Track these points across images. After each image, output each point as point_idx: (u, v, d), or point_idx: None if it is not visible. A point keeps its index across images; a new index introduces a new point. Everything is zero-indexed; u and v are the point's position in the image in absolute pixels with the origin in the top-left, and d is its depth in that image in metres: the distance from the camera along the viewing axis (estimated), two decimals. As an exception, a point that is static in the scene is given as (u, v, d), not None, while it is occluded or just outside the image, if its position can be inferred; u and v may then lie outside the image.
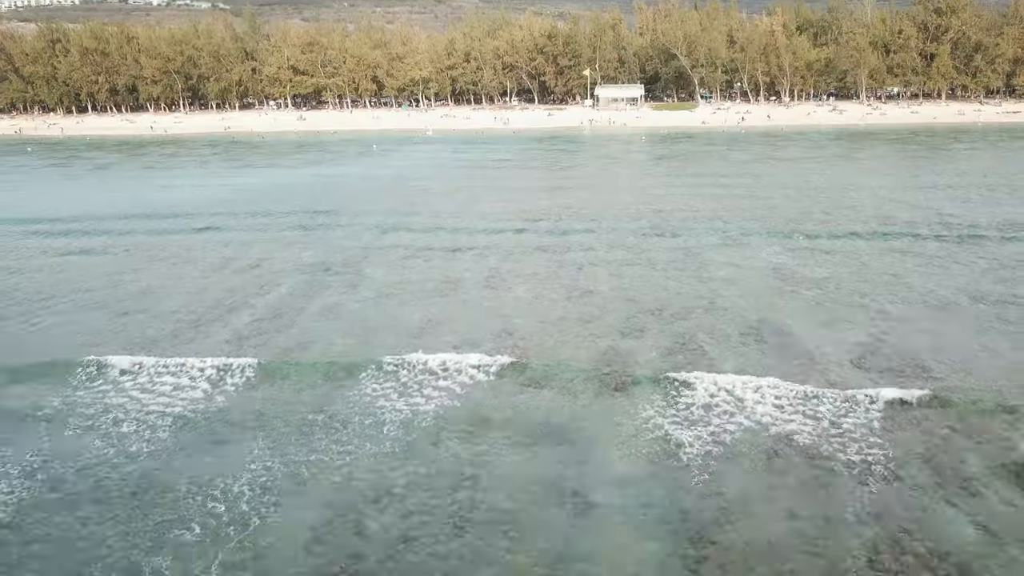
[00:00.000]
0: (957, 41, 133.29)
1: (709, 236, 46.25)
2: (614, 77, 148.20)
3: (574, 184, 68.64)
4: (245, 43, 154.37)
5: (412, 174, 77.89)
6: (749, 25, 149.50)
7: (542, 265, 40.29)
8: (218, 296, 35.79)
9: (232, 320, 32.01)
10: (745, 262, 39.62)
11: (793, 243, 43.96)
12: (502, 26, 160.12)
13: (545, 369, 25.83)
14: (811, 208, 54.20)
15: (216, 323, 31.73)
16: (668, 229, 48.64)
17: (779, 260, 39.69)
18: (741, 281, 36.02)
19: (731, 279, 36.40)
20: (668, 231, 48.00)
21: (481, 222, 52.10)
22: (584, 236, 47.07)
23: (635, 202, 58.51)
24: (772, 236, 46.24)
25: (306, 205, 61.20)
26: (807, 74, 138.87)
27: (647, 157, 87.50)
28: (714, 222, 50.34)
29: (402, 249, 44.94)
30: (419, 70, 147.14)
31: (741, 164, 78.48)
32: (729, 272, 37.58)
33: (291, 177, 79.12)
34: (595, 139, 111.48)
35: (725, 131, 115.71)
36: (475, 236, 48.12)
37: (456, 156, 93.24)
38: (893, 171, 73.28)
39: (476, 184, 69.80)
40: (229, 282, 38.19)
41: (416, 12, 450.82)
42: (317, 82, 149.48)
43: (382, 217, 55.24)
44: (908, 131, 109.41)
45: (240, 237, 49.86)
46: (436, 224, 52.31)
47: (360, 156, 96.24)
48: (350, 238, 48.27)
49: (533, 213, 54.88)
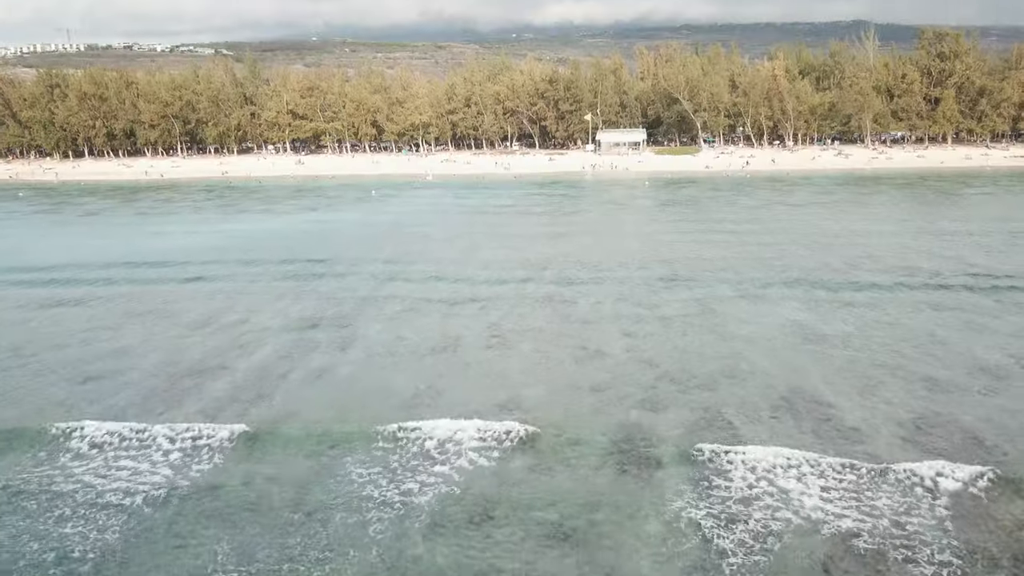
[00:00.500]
0: (961, 85, 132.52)
1: (723, 287, 43.60)
2: (616, 122, 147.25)
3: (578, 230, 66.24)
4: (245, 88, 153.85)
5: (411, 220, 75.60)
6: (751, 70, 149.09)
7: (547, 320, 37.54)
8: (197, 357, 32.95)
9: (209, 386, 29.15)
10: (766, 318, 36.88)
11: (813, 295, 41.26)
12: (503, 71, 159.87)
13: (555, 448, 22.92)
14: (827, 257, 51.63)
15: (191, 390, 28.87)
16: (679, 279, 46.01)
17: (802, 316, 36.93)
18: (764, 341, 33.22)
19: (753, 338, 33.59)
20: (679, 282, 45.36)
21: (482, 272, 49.51)
22: (590, 287, 44.43)
23: (642, 250, 56.00)
24: (790, 287, 43.61)
25: (300, 253, 58.67)
26: (811, 118, 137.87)
27: (652, 203, 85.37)
28: (726, 272, 47.73)
29: (399, 301, 42.24)
30: (419, 115, 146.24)
31: (749, 210, 76.24)
32: (750, 330, 34.79)
33: (287, 224, 76.81)
34: (597, 184, 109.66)
35: (729, 176, 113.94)
36: (476, 287, 45.47)
37: (457, 201, 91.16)
38: (907, 217, 70.95)
39: (477, 231, 67.43)
40: (211, 341, 35.38)
41: (417, 58, 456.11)
42: (316, 126, 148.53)
43: (379, 266, 52.70)
44: (916, 176, 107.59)
45: (228, 288, 47.20)
46: (435, 273, 49.73)
47: (359, 202, 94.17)
48: (344, 290, 45.60)
49: (536, 261, 52.35)
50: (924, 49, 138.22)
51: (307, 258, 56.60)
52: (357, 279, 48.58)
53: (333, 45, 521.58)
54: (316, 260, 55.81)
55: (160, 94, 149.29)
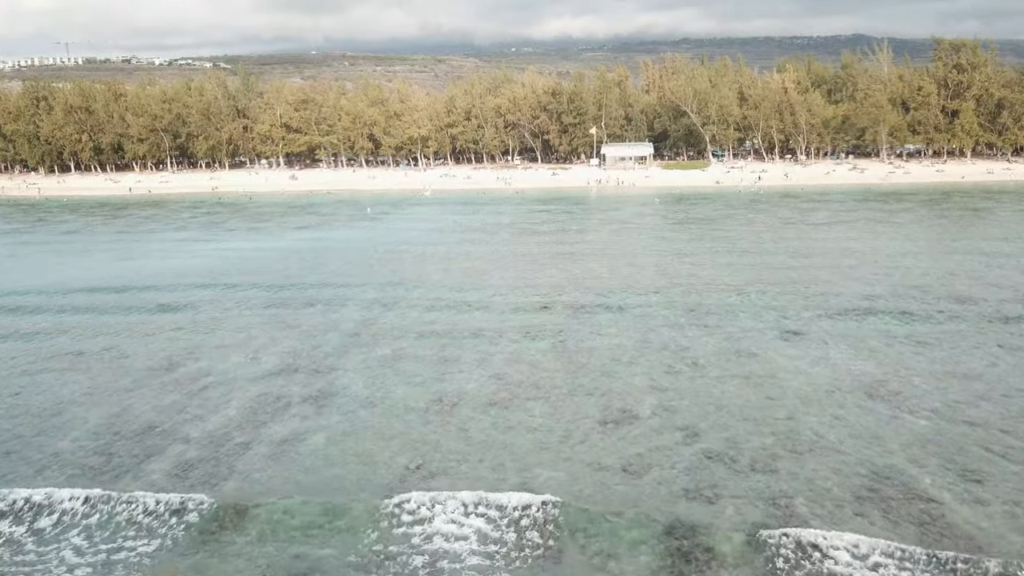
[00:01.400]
0: (979, 98, 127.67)
1: (757, 323, 38.30)
2: (620, 135, 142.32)
3: (588, 253, 60.95)
4: (237, 100, 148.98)
5: (408, 241, 70.32)
6: (760, 82, 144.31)
7: (561, 369, 32.15)
8: (145, 418, 27.61)
9: (153, 461, 23.86)
10: (817, 366, 31.51)
11: (863, 332, 35.95)
12: (503, 83, 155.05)
13: (581, 557, 17.52)
14: (866, 285, 46.43)
15: (128, 464, 23.58)
16: (706, 312, 40.72)
17: (860, 364, 31.53)
18: (822, 398, 27.85)
19: (808, 394, 28.23)
20: (707, 315, 40.07)
21: (484, 303, 44.29)
22: (606, 322, 39.14)
23: (660, 276, 50.72)
24: (834, 321, 38.35)
25: (284, 279, 53.42)
26: (823, 131, 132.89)
27: (664, 221, 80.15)
28: (758, 303, 42.46)
29: (389, 341, 36.92)
30: (417, 128, 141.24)
31: (770, 230, 70.99)
32: (802, 383, 29.42)
33: (274, 244, 71.51)
34: (604, 201, 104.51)
35: (742, 192, 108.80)
36: (477, 322, 40.20)
37: (456, 220, 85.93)
38: (940, 237, 65.71)
39: (478, 253, 62.15)
40: (165, 395, 30.02)
41: (416, 71, 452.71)
42: (311, 140, 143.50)
43: (369, 294, 47.43)
44: (939, 191, 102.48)
45: (198, 321, 41.91)
46: (431, 304, 44.47)
47: (352, 220, 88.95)
48: (328, 325, 40.29)
49: (544, 290, 47.08)
50: (940, 60, 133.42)
51: (291, 284, 51.34)
52: (344, 311, 43.31)
53: (332, 59, 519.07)
54: (301, 287, 50.57)
55: (149, 107, 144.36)
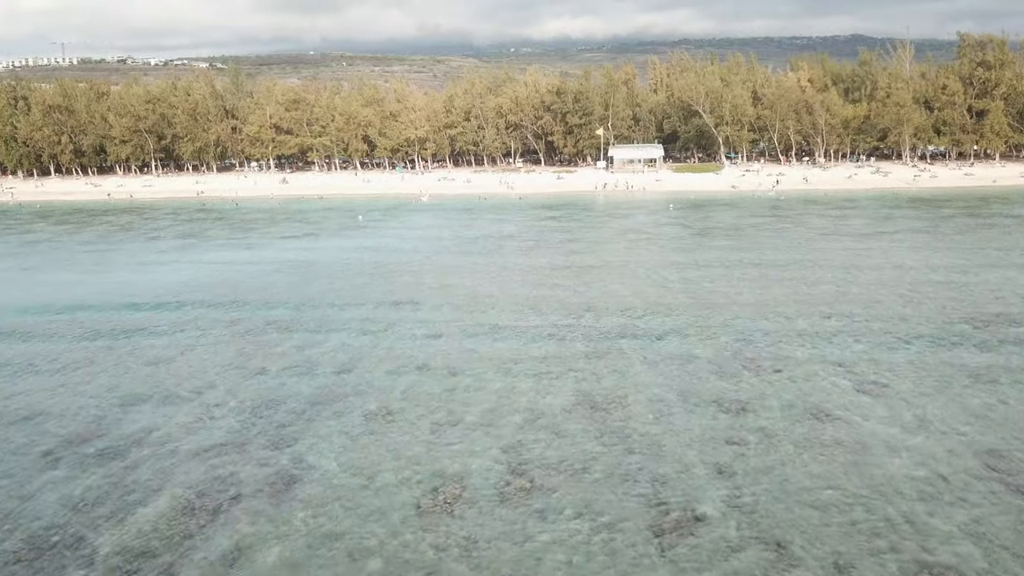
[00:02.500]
0: (1006, 96, 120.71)
1: (821, 364, 31.43)
2: (628, 136, 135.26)
3: (604, 269, 53.94)
4: (225, 100, 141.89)
5: (401, 254, 63.33)
6: (774, 80, 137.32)
7: (589, 435, 25.24)
8: (48, 518, 20.54)
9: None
10: (915, 432, 24.60)
11: (955, 376, 28.98)
12: (505, 82, 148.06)
13: None
14: (937, 310, 39.60)
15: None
16: (754, 348, 33.94)
17: (969, 430, 24.50)
18: (940, 487, 20.84)
19: (920, 482, 21.26)
20: (756, 353, 33.31)
21: (488, 333, 37.34)
22: (638, 362, 32.41)
23: (690, 299, 43.85)
24: (914, 361, 31.47)
25: (257, 302, 46.46)
26: (843, 132, 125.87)
27: (684, 231, 73.04)
28: (814, 335, 35.70)
29: (374, 394, 29.91)
30: (415, 129, 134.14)
31: (805, 241, 63.97)
32: (906, 462, 22.43)
33: (253, 258, 64.54)
34: (614, 207, 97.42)
35: (761, 197, 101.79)
36: (480, 360, 33.40)
37: (455, 229, 78.87)
38: (999, 249, 58.69)
39: (480, 269, 55.10)
40: (82, 478, 22.99)
41: (415, 71, 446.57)
42: (302, 142, 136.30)
43: (354, 323, 40.54)
44: (974, 197, 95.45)
45: (144, 359, 34.91)
46: (426, 336, 37.64)
47: (342, 229, 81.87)
48: (302, 367, 33.34)
49: (559, 318, 40.24)
50: (965, 57, 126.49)
51: (265, 308, 44.37)
52: (323, 346, 36.36)
53: (330, 59, 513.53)
54: (276, 312, 43.59)
55: (132, 107, 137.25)
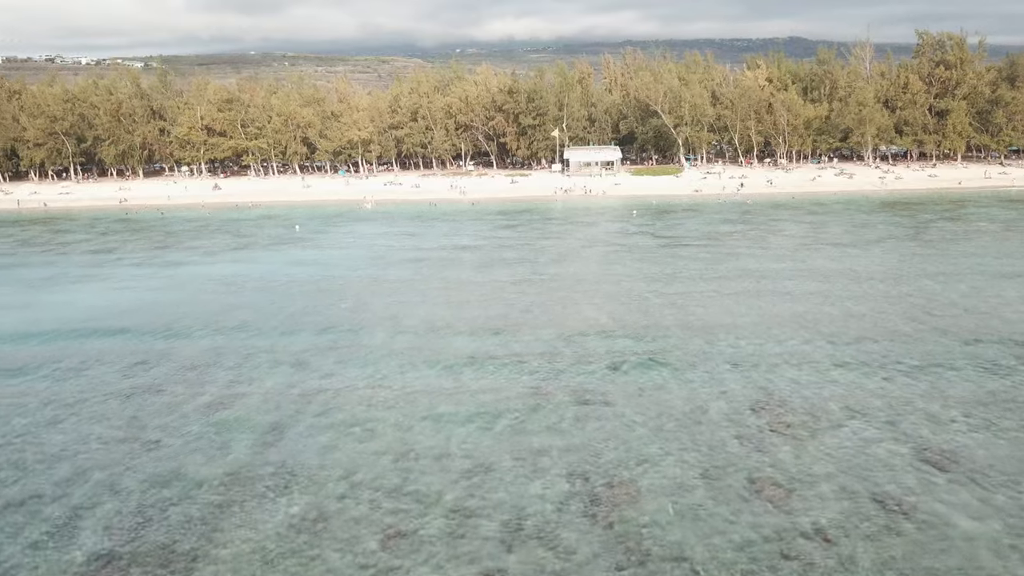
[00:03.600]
0: (968, 96, 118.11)
1: (863, 421, 25.37)
2: (584, 138, 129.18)
3: (573, 288, 47.28)
4: (152, 100, 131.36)
5: (343, 272, 55.74)
6: (732, 78, 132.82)
7: (584, 541, 18.18)
8: None
9: None
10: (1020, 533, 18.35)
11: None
12: (453, 81, 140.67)
13: None
14: (967, 339, 33.82)
15: None
16: (772, 393, 27.70)
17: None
18: None
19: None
20: (775, 398, 27.08)
21: (442, 391, 30.06)
22: (639, 423, 25.60)
23: (683, 329, 37.40)
24: (969, 413, 25.40)
25: (170, 332, 38.71)
26: (805, 133, 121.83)
27: (654, 241, 66.84)
28: (844, 375, 29.46)
29: (300, 485, 22.54)
30: (358, 130, 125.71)
31: (789, 253, 58.40)
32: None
33: (171, 277, 56.27)
34: (574, 213, 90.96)
35: (726, 201, 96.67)
36: (436, 430, 26.10)
37: (403, 241, 71.41)
38: (997, 256, 53.90)
39: (432, 291, 47.88)
40: None
41: (359, 71, 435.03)
42: (236, 144, 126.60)
43: (281, 366, 32.95)
44: (948, 200, 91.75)
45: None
46: (369, 385, 30.35)
47: (278, 241, 73.61)
48: (204, 443, 25.85)
49: (531, 358, 33.40)
50: (925, 56, 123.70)
51: (172, 348, 36.35)
52: (237, 405, 28.75)
53: (272, 59, 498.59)
54: (186, 351, 35.72)
55: (49, 107, 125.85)
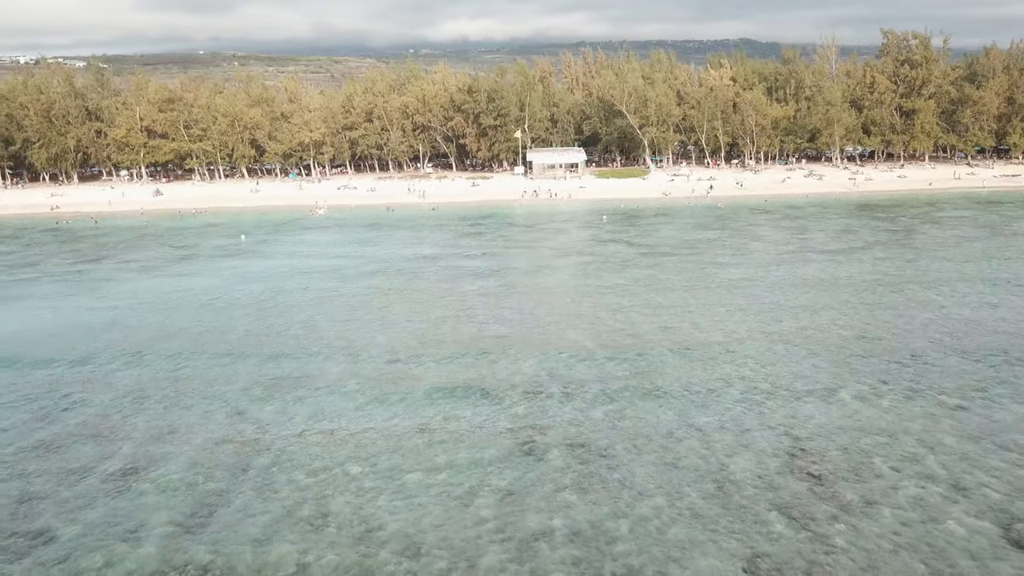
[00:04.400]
0: (933, 95, 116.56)
1: (930, 487, 20.81)
2: (546, 139, 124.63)
3: (550, 306, 42.44)
4: (88, 100, 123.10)
5: (291, 289, 50.10)
6: (697, 77, 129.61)
7: None
8: None
9: None
10: None
11: None
12: (410, 80, 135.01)
13: None
14: (1009, 354, 29.76)
15: None
16: (804, 440, 23.32)
17: None
18: None
19: None
20: (811, 452, 22.65)
21: (412, 435, 24.96)
22: (644, 483, 20.82)
23: (678, 354, 32.71)
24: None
25: (86, 366, 32.68)
26: (773, 134, 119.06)
27: (630, 250, 62.41)
28: (884, 418, 24.85)
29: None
30: (309, 131, 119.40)
31: (777, 264, 54.43)
32: None
33: (96, 296, 50.01)
34: (540, 218, 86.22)
35: (697, 204, 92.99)
36: (403, 506, 20.90)
37: (359, 250, 65.90)
38: (998, 259, 50.63)
39: (392, 310, 42.60)
40: None
41: (312, 71, 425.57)
42: (179, 147, 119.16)
43: (215, 414, 27.42)
44: (922, 201, 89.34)
45: None
46: (321, 442, 25.05)
47: (221, 254, 67.43)
48: (110, 526, 20.28)
49: (506, 391, 28.39)
50: (890, 56, 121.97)
51: (68, 397, 30.42)
52: (154, 476, 23.23)
53: (222, 59, 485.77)
54: (87, 396, 29.88)
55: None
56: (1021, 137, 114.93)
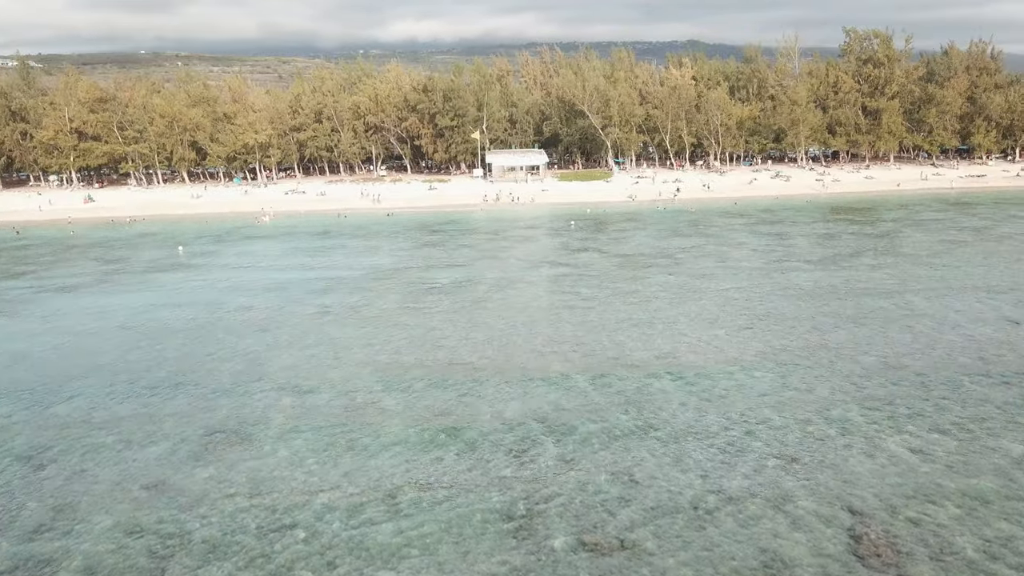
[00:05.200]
0: (896, 94, 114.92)
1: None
2: (505, 140, 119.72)
3: (527, 332, 37.54)
4: (11, 100, 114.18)
5: (231, 311, 44.34)
6: (659, 76, 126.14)
7: None
8: None
9: None
10: None
11: None
12: (361, 79, 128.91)
13: None
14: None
15: None
16: (846, 507, 19.18)
17: None
18: None
19: None
20: (854, 521, 18.68)
21: (364, 536, 19.70)
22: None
23: (682, 388, 28.03)
24: None
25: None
26: (738, 134, 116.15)
27: (606, 261, 57.86)
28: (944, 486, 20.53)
29: None
30: (255, 133, 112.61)
31: (762, 272, 50.42)
32: None
33: (3, 321, 43.48)
34: (504, 224, 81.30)
35: (666, 208, 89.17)
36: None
37: (308, 264, 60.18)
38: (998, 262, 47.37)
39: (345, 342, 37.20)
40: None
41: (258, 72, 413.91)
42: (112, 150, 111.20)
43: (117, 502, 21.66)
44: (896, 204, 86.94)
45: None
46: (264, 527, 19.62)
47: (154, 268, 61.01)
48: None
49: (481, 452, 23.57)
50: (852, 55, 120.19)
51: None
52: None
53: (164, 59, 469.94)
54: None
55: None
56: (985, 137, 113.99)
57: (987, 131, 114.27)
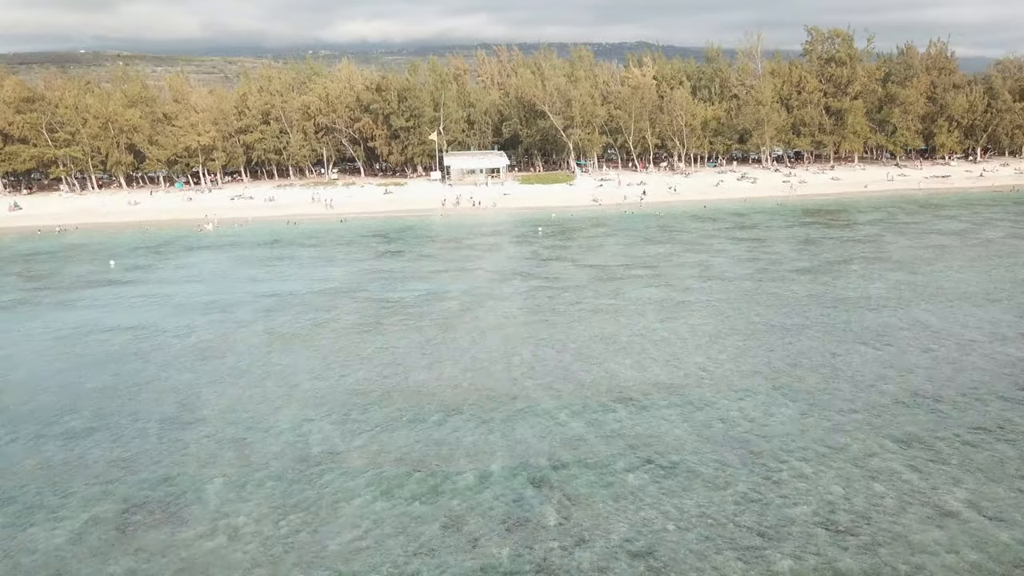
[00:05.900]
0: (859, 94, 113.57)
1: None
2: (463, 141, 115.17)
3: (506, 358, 33.26)
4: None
5: (167, 335, 39.11)
6: (619, 76, 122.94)
7: None
8: None
9: None
10: None
11: None
12: (311, 78, 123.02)
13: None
14: None
15: None
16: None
17: None
18: None
19: None
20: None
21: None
22: None
23: (697, 433, 24.09)
24: None
25: None
26: (702, 135, 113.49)
27: (581, 272, 53.85)
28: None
29: None
30: (197, 135, 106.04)
31: (750, 282, 46.98)
32: None
33: None
34: (466, 231, 76.82)
35: (634, 213, 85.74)
36: None
37: (254, 278, 54.94)
38: (999, 267, 44.66)
39: (296, 376, 32.42)
40: None
41: (204, 72, 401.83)
42: (41, 153, 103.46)
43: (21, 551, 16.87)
44: (869, 206, 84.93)
45: None
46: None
47: (81, 285, 55.10)
48: None
49: (463, 522, 18.84)
50: (814, 54, 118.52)
51: None
52: None
53: (105, 58, 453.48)
54: None
55: None
56: (948, 137, 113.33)
57: (949, 131, 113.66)
